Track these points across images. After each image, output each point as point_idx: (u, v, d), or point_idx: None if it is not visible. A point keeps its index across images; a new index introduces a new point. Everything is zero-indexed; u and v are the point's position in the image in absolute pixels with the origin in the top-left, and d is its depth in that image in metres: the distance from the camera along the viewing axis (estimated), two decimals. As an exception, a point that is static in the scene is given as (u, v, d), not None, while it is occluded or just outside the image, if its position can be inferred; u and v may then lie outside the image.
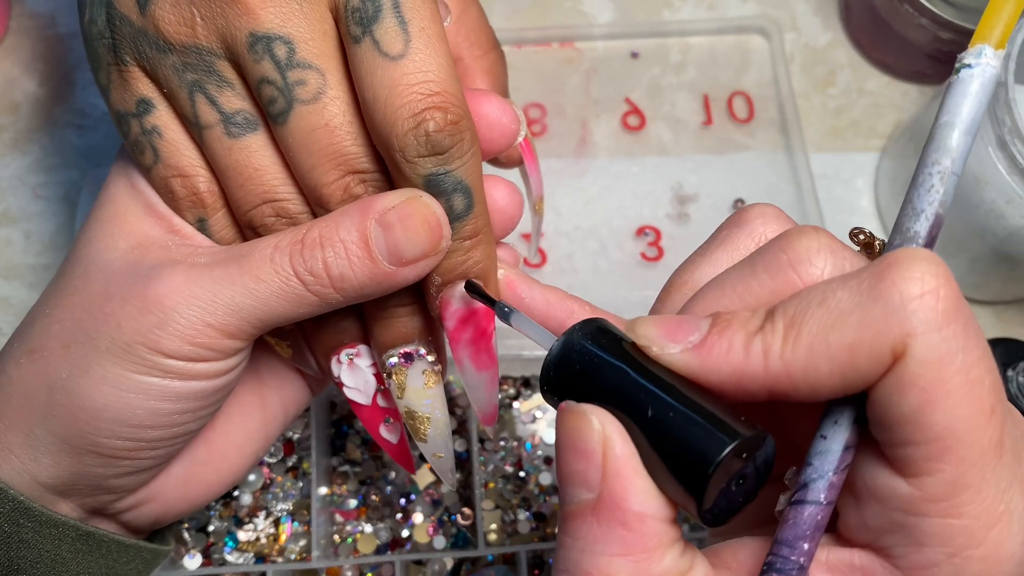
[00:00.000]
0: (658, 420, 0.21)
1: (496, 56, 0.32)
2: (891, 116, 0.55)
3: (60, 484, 0.29)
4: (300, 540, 0.45)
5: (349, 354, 0.30)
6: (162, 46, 0.27)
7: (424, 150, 0.25)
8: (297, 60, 0.26)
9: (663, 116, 0.55)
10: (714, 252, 0.25)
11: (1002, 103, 0.41)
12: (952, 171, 0.22)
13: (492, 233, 0.28)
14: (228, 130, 0.27)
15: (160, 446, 0.29)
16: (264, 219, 0.28)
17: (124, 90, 0.28)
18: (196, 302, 0.26)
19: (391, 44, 0.25)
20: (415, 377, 0.29)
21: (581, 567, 0.21)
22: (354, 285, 0.27)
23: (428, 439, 0.30)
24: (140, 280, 0.27)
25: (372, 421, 0.32)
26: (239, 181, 0.28)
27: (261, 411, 0.34)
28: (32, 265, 0.51)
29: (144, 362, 0.27)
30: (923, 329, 0.19)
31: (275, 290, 0.26)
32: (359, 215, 0.26)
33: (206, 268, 0.27)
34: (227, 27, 0.26)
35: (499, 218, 0.29)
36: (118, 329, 0.27)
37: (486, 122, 0.28)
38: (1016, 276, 0.47)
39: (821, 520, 0.21)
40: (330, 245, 0.26)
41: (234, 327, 0.27)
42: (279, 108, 0.26)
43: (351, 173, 0.27)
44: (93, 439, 0.28)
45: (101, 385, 0.27)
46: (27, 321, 0.30)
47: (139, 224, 0.29)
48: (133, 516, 0.32)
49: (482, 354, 0.29)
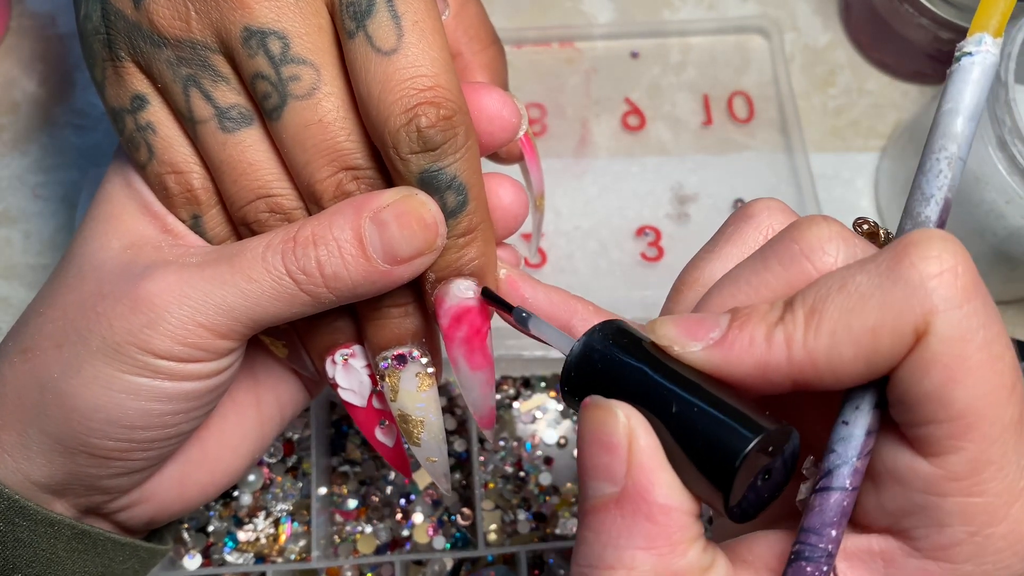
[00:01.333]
0: (682, 417, 0.21)
1: (496, 51, 0.32)
2: (891, 116, 0.55)
3: (53, 484, 0.29)
4: (300, 540, 0.45)
5: (344, 355, 0.30)
6: (156, 40, 0.26)
7: (416, 146, 0.25)
8: (291, 56, 0.26)
9: (663, 116, 0.55)
10: (723, 248, 0.25)
11: (1002, 103, 0.41)
12: (959, 156, 0.22)
13: (491, 230, 0.28)
14: (222, 125, 0.27)
15: (153, 447, 0.29)
16: (258, 215, 0.28)
17: (119, 86, 0.28)
18: (187, 302, 0.26)
19: (384, 39, 0.25)
20: (408, 380, 0.29)
21: (604, 561, 0.21)
22: (347, 284, 0.26)
23: (422, 443, 0.30)
24: (132, 280, 0.27)
25: (367, 424, 0.31)
26: (233, 176, 0.28)
27: (257, 412, 0.34)
28: (32, 265, 0.51)
29: (135, 362, 0.27)
30: (944, 306, 0.19)
31: (267, 289, 0.26)
32: (352, 213, 0.26)
33: (197, 268, 0.27)
34: (221, 21, 0.26)
35: (504, 217, 0.29)
36: (109, 329, 0.27)
37: (487, 115, 0.28)
38: (1016, 276, 0.47)
39: (847, 506, 0.21)
40: (323, 243, 0.26)
41: (225, 327, 0.27)
42: (273, 103, 0.26)
43: (344, 169, 0.27)
44: (85, 439, 0.28)
45: (92, 385, 0.27)
46: (22, 320, 0.30)
47: (134, 223, 0.29)
48: (127, 516, 0.31)
49: (476, 353, 0.29)
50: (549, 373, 0.49)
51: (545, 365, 0.48)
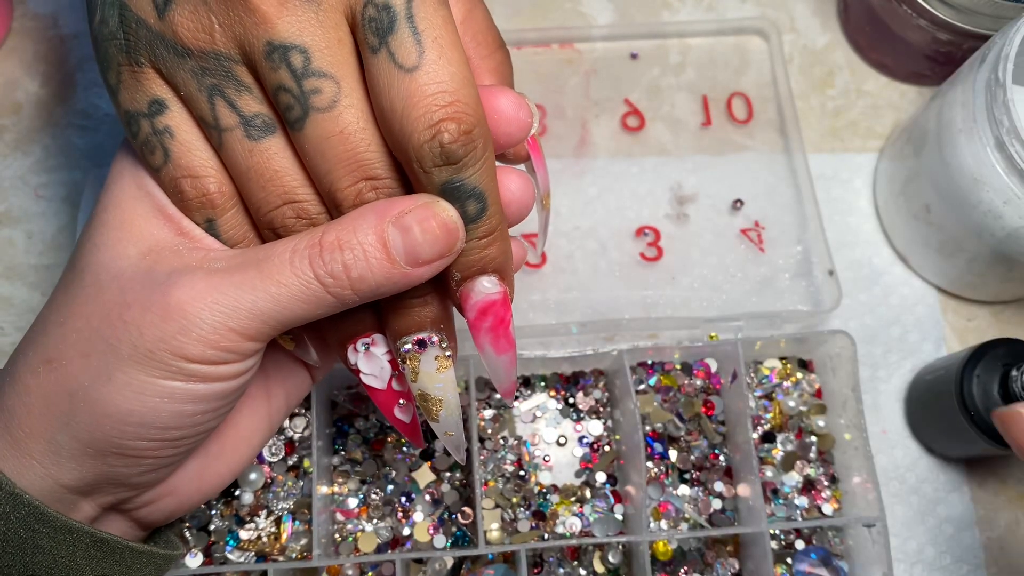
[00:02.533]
0: None
1: (502, 56, 0.33)
2: (889, 117, 0.55)
3: (83, 485, 0.30)
4: (301, 539, 0.45)
5: (365, 343, 0.31)
6: (180, 51, 0.27)
7: (439, 160, 0.26)
8: (312, 69, 0.26)
9: (662, 117, 0.55)
10: None
11: (1000, 104, 0.41)
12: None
13: (507, 229, 0.30)
14: (248, 133, 0.28)
15: (182, 444, 0.30)
16: (285, 220, 0.29)
17: (136, 90, 0.28)
18: (218, 308, 0.27)
19: (406, 56, 0.26)
20: (428, 362, 0.30)
21: None
22: (371, 285, 0.27)
23: (440, 419, 0.31)
24: (159, 288, 0.28)
25: (387, 404, 0.33)
26: (260, 183, 0.28)
27: (267, 403, 0.35)
28: (34, 265, 0.51)
29: (168, 367, 0.28)
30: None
31: (295, 293, 0.27)
32: (376, 219, 0.27)
33: (226, 274, 0.28)
34: (245, 35, 0.26)
35: (513, 207, 0.30)
36: (140, 336, 0.27)
37: (504, 117, 0.29)
38: (1014, 276, 0.48)
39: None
40: (349, 248, 0.27)
41: (254, 330, 0.28)
42: (295, 115, 0.27)
43: (364, 179, 0.28)
44: (118, 442, 0.29)
45: (125, 391, 0.28)
46: (39, 330, 0.30)
47: (147, 228, 0.29)
48: (150, 511, 0.32)
49: (501, 339, 0.30)
50: (549, 372, 0.49)
51: (545, 365, 0.49)
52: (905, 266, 0.52)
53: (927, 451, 0.49)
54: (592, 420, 0.48)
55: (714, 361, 0.50)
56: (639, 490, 0.44)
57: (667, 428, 0.48)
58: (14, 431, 0.29)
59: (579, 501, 0.47)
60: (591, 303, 0.51)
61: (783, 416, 0.49)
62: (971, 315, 0.52)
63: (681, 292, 0.51)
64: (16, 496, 0.28)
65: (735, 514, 0.47)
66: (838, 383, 0.48)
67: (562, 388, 0.49)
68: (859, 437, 0.46)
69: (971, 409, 0.43)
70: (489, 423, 0.48)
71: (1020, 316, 0.52)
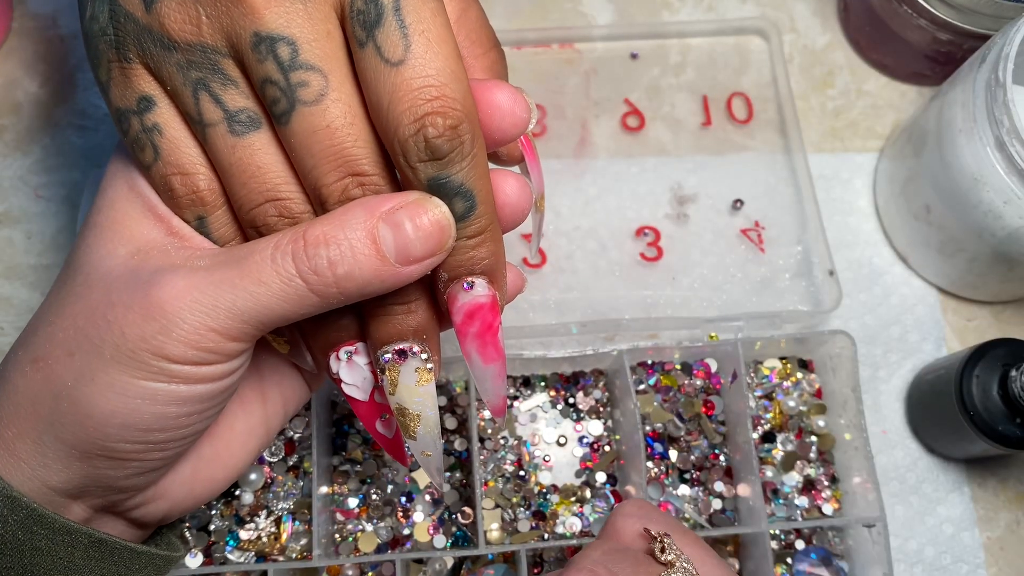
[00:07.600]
0: None
1: (497, 55, 0.32)
2: (889, 117, 0.55)
3: (71, 487, 0.29)
4: (301, 539, 0.45)
5: (348, 351, 0.31)
6: (167, 44, 0.27)
7: (424, 155, 0.26)
8: (300, 62, 0.26)
9: (662, 117, 0.55)
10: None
11: (1000, 104, 0.41)
12: None
13: (499, 231, 0.29)
14: (232, 128, 0.27)
15: (168, 447, 0.29)
16: (267, 218, 0.28)
17: (125, 87, 0.28)
18: (198, 307, 0.26)
19: (392, 50, 0.25)
20: (408, 374, 0.29)
21: None
22: (358, 283, 0.27)
23: (417, 437, 0.30)
24: (141, 286, 0.27)
25: (369, 417, 0.32)
26: (242, 179, 0.28)
27: (262, 408, 0.35)
28: (34, 265, 0.51)
29: (149, 368, 0.27)
30: None
31: (276, 291, 0.27)
32: (365, 214, 0.26)
33: (206, 272, 0.27)
34: (232, 26, 0.26)
35: (508, 210, 0.30)
36: (122, 336, 0.27)
37: (499, 112, 0.28)
38: (1014, 276, 0.48)
39: None
40: (335, 243, 0.26)
41: (236, 330, 0.27)
42: (282, 108, 0.26)
43: (351, 175, 0.27)
44: (102, 444, 0.28)
45: (107, 392, 0.27)
46: (30, 329, 0.30)
47: (138, 228, 0.29)
48: (142, 513, 0.32)
49: (488, 347, 0.29)
50: (549, 372, 0.49)
51: (545, 365, 0.49)
52: (905, 266, 0.52)
53: (927, 451, 0.49)
54: (592, 420, 0.48)
55: (714, 361, 0.50)
56: (639, 490, 0.44)
57: (667, 428, 0.48)
58: (2, 431, 0.28)
59: (579, 501, 0.47)
60: (591, 303, 0.51)
61: (783, 416, 0.49)
62: (971, 315, 0.52)
63: (681, 292, 0.51)
64: (13, 499, 0.28)
65: (735, 514, 0.47)
66: (838, 383, 0.48)
67: (562, 388, 0.49)
68: (859, 437, 0.46)
69: (971, 409, 0.43)
70: (489, 423, 0.48)
71: (1020, 316, 0.52)
